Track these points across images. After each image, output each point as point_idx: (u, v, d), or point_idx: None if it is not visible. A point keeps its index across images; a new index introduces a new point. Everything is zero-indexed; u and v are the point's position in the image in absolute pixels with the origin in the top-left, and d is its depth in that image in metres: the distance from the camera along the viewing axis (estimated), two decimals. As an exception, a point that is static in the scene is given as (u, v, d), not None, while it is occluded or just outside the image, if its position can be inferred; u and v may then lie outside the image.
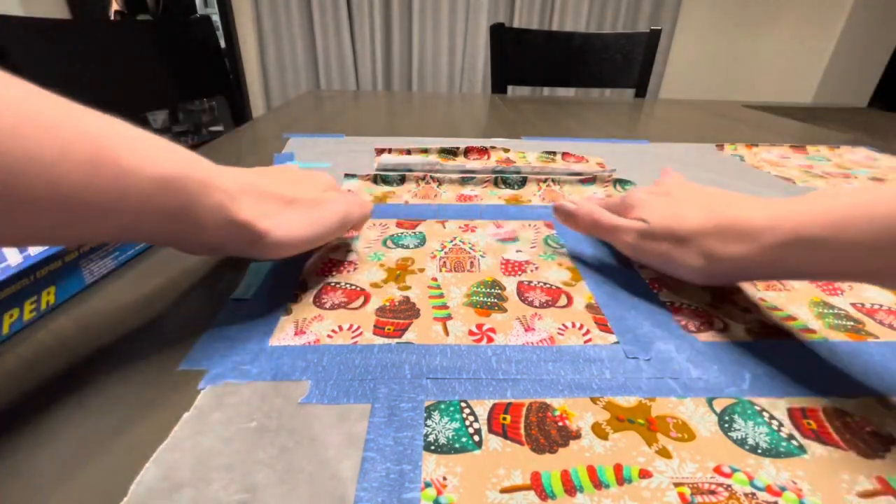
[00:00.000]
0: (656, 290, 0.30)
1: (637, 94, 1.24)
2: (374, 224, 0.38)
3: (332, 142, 0.63)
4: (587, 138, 0.70)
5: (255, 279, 0.30)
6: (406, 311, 0.27)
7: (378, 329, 0.25)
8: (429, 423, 0.20)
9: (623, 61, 1.23)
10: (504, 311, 0.27)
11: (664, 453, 0.18)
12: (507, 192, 0.46)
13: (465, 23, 2.31)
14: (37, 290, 0.25)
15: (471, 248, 0.35)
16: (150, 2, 2.18)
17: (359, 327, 0.25)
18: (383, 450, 0.18)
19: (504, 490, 0.17)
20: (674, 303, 0.28)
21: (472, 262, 0.33)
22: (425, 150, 0.57)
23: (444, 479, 0.17)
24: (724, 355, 0.24)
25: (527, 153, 0.58)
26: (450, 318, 0.26)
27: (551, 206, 0.37)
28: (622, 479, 0.17)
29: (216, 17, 2.21)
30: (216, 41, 0.94)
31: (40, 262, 0.24)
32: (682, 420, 0.20)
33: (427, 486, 0.17)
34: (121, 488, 0.17)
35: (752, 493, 0.17)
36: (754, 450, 0.19)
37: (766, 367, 0.23)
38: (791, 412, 0.21)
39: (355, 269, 0.31)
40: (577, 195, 0.45)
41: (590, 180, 0.49)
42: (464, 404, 0.21)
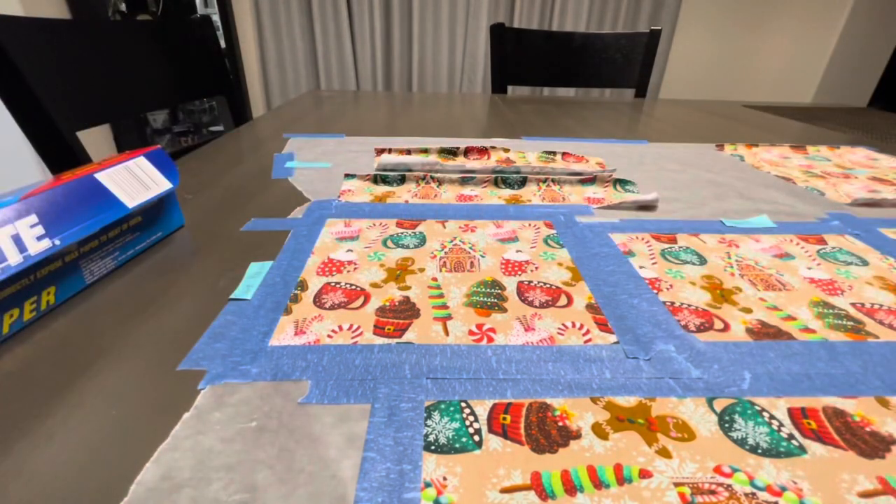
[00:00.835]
0: (656, 291, 0.30)
1: (637, 94, 1.24)
2: (374, 224, 0.38)
3: (332, 142, 0.63)
4: (587, 138, 0.70)
5: (255, 279, 0.30)
6: (406, 311, 0.27)
7: (378, 329, 0.25)
8: (429, 423, 0.20)
9: (623, 61, 1.23)
10: (504, 311, 0.27)
11: (664, 453, 0.18)
12: (507, 192, 0.46)
13: (465, 23, 2.31)
14: (37, 290, 0.25)
15: (471, 248, 0.35)
16: (151, 2, 2.18)
17: (359, 327, 0.25)
18: (383, 450, 0.18)
19: (504, 490, 0.17)
20: (674, 303, 0.28)
21: (472, 262, 0.33)
22: (425, 150, 0.57)
23: (444, 479, 0.17)
24: (724, 355, 0.24)
25: (527, 153, 0.58)
26: (450, 318, 0.26)
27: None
28: (622, 479, 0.17)
29: (216, 17, 2.21)
30: (216, 41, 0.94)
31: (40, 262, 0.24)
32: (683, 420, 0.20)
33: (427, 486, 0.17)
34: (121, 488, 0.17)
35: (753, 493, 0.17)
36: (754, 450, 0.19)
37: (766, 367, 0.23)
38: (791, 412, 0.21)
39: (355, 269, 0.31)
40: (577, 195, 0.45)
41: (590, 180, 0.49)
42: (464, 404, 0.21)
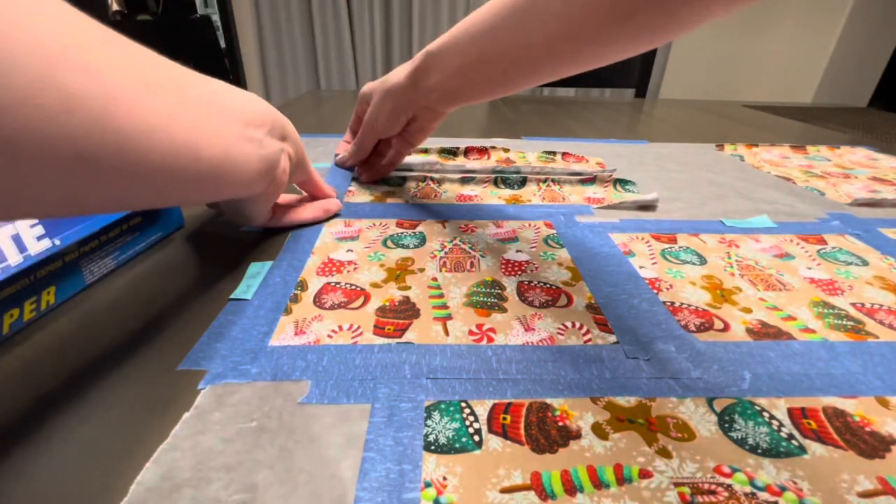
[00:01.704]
0: (656, 291, 0.30)
1: (637, 94, 1.24)
2: (374, 224, 0.38)
3: (332, 142, 0.63)
4: (587, 138, 0.70)
5: (255, 279, 0.30)
6: (406, 311, 0.27)
7: (378, 329, 0.25)
8: (429, 423, 0.20)
9: (623, 61, 1.23)
10: (504, 310, 0.27)
11: (664, 453, 0.18)
12: (507, 192, 0.46)
13: (465, 23, 2.31)
14: (37, 290, 0.25)
15: (471, 248, 0.35)
16: (151, 2, 2.18)
17: (359, 327, 0.25)
18: (383, 450, 0.18)
19: (504, 490, 0.17)
20: (674, 303, 0.28)
21: (472, 262, 0.33)
22: (425, 150, 0.57)
23: (445, 479, 0.17)
24: (724, 355, 0.24)
25: (527, 153, 0.58)
26: (450, 318, 0.26)
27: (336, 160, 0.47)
28: (622, 479, 0.17)
29: (216, 17, 2.21)
30: (216, 41, 0.94)
31: (40, 262, 0.24)
32: (683, 420, 0.20)
33: (427, 486, 0.17)
34: (121, 488, 0.17)
35: (753, 493, 0.17)
36: (754, 450, 0.19)
37: (766, 367, 0.23)
38: (791, 412, 0.21)
39: (355, 269, 0.31)
40: (577, 195, 0.46)
41: (590, 180, 0.49)
42: (464, 404, 0.21)
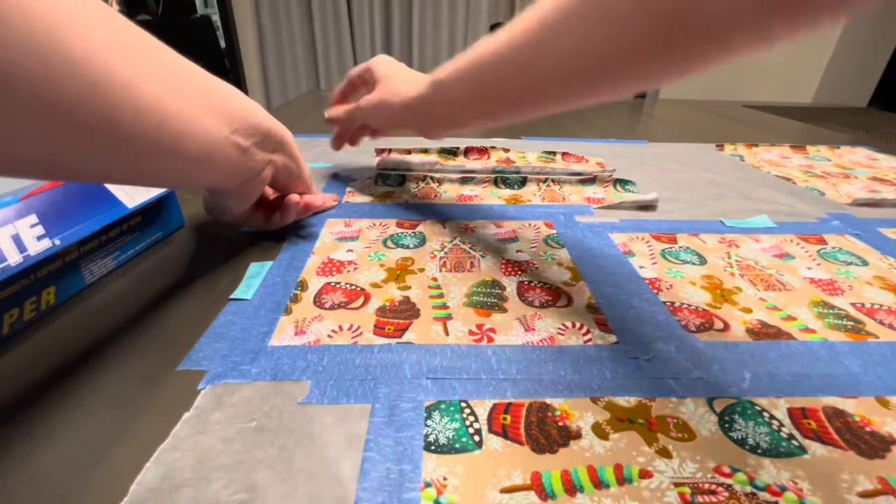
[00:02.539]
0: (656, 291, 0.30)
1: (637, 94, 1.24)
2: (375, 224, 0.38)
3: (332, 142, 0.63)
4: (587, 138, 0.70)
5: (255, 279, 0.30)
6: (406, 311, 0.27)
7: (378, 329, 0.25)
8: (429, 423, 0.20)
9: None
10: (504, 311, 0.27)
11: (664, 453, 0.18)
12: (507, 192, 0.46)
13: (465, 23, 2.31)
14: (37, 290, 0.25)
15: (471, 248, 0.35)
16: (151, 2, 2.18)
17: (359, 327, 0.25)
18: (383, 450, 0.18)
19: (504, 490, 0.17)
20: (674, 303, 0.28)
21: (472, 262, 0.33)
22: (425, 150, 0.57)
23: (445, 479, 0.17)
24: (724, 355, 0.24)
25: (527, 153, 0.58)
26: (450, 318, 0.26)
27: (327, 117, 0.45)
28: (622, 479, 0.17)
29: (216, 17, 2.21)
30: (216, 41, 0.94)
31: (40, 262, 0.24)
32: (683, 420, 0.20)
33: (427, 486, 0.17)
34: (121, 488, 0.17)
35: (753, 493, 0.17)
36: (754, 450, 0.19)
37: (766, 367, 0.23)
38: (791, 412, 0.21)
39: (355, 269, 0.31)
40: (577, 195, 0.45)
41: (590, 180, 0.49)
42: (464, 404, 0.21)
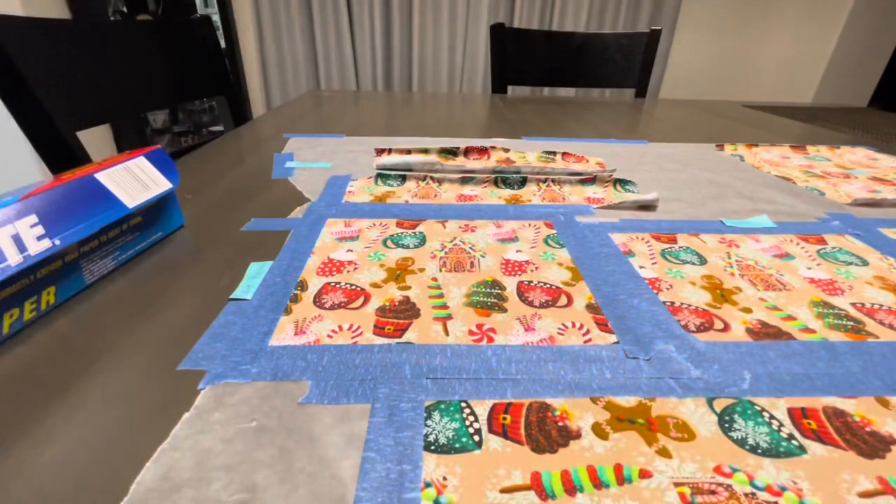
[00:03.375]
0: (656, 291, 0.30)
1: (637, 94, 1.24)
2: (374, 224, 0.38)
3: (332, 142, 0.63)
4: (587, 138, 0.70)
5: (255, 279, 0.30)
6: (406, 311, 0.27)
7: (378, 329, 0.25)
8: (429, 423, 0.20)
9: (623, 61, 1.23)
10: (504, 311, 0.27)
11: (664, 453, 0.18)
12: (507, 192, 0.46)
13: (465, 23, 2.31)
14: (37, 290, 0.25)
15: (471, 248, 0.35)
16: (151, 2, 2.18)
17: (359, 327, 0.25)
18: (383, 450, 0.18)
19: (504, 490, 0.17)
20: (674, 303, 0.28)
21: (472, 262, 0.33)
22: (425, 150, 0.57)
23: (444, 479, 0.17)
24: (724, 355, 0.24)
25: (527, 153, 0.58)
26: (450, 318, 0.26)
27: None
28: (622, 479, 0.17)
29: (216, 17, 2.21)
30: (216, 41, 0.94)
31: (40, 262, 0.24)
32: (683, 420, 0.20)
33: (427, 486, 0.17)
34: (121, 488, 0.17)
35: (753, 493, 0.17)
36: (754, 450, 0.19)
37: (766, 367, 0.23)
38: (791, 412, 0.21)
39: (355, 269, 0.31)
40: (577, 195, 0.45)
41: (590, 180, 0.49)
42: (464, 404, 0.21)
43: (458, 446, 0.18)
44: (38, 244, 0.24)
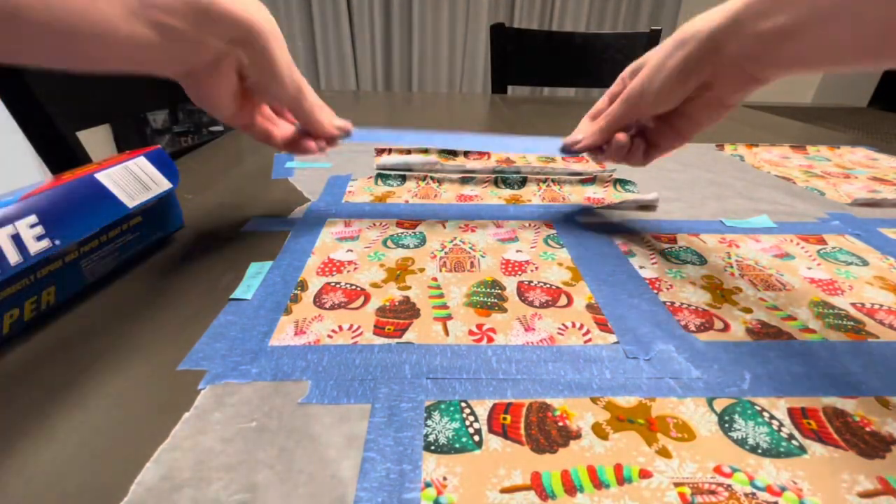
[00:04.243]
0: (656, 291, 0.30)
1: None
2: (374, 224, 0.38)
3: (332, 142, 0.63)
4: (587, 138, 0.70)
5: (255, 279, 0.30)
6: (406, 311, 0.27)
7: (378, 329, 0.25)
8: (429, 423, 0.20)
9: (623, 61, 1.22)
10: (504, 311, 0.27)
11: (664, 453, 0.18)
12: (507, 192, 0.46)
13: (465, 23, 2.31)
14: (37, 290, 0.25)
15: (471, 248, 0.35)
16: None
17: (359, 327, 0.25)
18: (383, 450, 0.18)
19: (504, 490, 0.17)
20: (674, 303, 0.28)
21: (472, 262, 0.33)
22: (425, 150, 0.57)
23: (445, 479, 0.17)
24: (724, 355, 0.24)
25: (527, 153, 0.58)
26: (450, 318, 0.26)
27: (564, 146, 0.38)
28: (622, 479, 0.17)
29: (216, 17, 2.21)
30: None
31: (40, 262, 0.24)
32: (683, 420, 0.20)
33: (427, 486, 0.17)
34: (121, 488, 0.17)
35: (753, 493, 0.17)
36: (754, 450, 0.19)
37: (766, 367, 0.23)
38: (791, 412, 0.21)
39: (355, 269, 0.31)
40: (577, 195, 0.45)
41: (590, 180, 0.49)
42: (464, 404, 0.21)
43: (458, 446, 0.18)
44: (38, 244, 0.24)
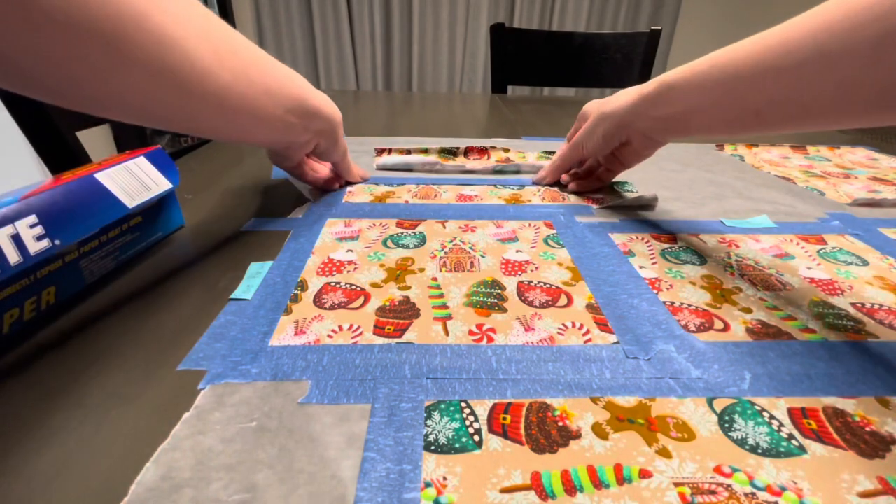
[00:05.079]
0: (656, 291, 0.30)
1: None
2: (374, 224, 0.38)
3: (332, 142, 0.63)
4: (587, 138, 0.70)
5: (255, 279, 0.30)
6: (406, 311, 0.27)
7: (378, 329, 0.25)
8: (429, 423, 0.20)
9: (623, 61, 1.23)
10: (504, 311, 0.27)
11: (664, 453, 0.18)
12: (507, 192, 0.46)
13: (465, 23, 2.31)
14: (37, 290, 0.25)
15: (471, 248, 0.35)
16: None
17: (359, 327, 0.25)
18: (383, 450, 0.18)
19: (504, 490, 0.17)
20: (674, 303, 0.28)
21: (472, 262, 0.33)
22: (425, 150, 0.57)
23: (444, 479, 0.17)
24: (724, 355, 0.24)
25: (527, 153, 0.58)
26: (450, 318, 0.26)
27: (535, 180, 0.48)
28: (622, 479, 0.17)
29: (216, 17, 2.21)
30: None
31: (40, 262, 0.24)
32: (683, 420, 0.20)
33: (427, 486, 0.17)
34: (121, 488, 0.17)
35: (753, 493, 0.17)
36: (754, 450, 0.19)
37: (766, 367, 0.23)
38: (791, 412, 0.21)
39: (355, 269, 0.31)
40: (577, 196, 0.45)
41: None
42: (464, 404, 0.21)
43: (458, 446, 0.18)
44: (38, 244, 0.24)
